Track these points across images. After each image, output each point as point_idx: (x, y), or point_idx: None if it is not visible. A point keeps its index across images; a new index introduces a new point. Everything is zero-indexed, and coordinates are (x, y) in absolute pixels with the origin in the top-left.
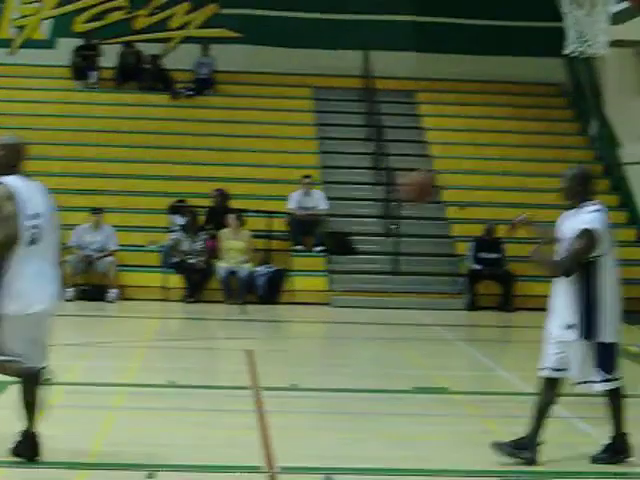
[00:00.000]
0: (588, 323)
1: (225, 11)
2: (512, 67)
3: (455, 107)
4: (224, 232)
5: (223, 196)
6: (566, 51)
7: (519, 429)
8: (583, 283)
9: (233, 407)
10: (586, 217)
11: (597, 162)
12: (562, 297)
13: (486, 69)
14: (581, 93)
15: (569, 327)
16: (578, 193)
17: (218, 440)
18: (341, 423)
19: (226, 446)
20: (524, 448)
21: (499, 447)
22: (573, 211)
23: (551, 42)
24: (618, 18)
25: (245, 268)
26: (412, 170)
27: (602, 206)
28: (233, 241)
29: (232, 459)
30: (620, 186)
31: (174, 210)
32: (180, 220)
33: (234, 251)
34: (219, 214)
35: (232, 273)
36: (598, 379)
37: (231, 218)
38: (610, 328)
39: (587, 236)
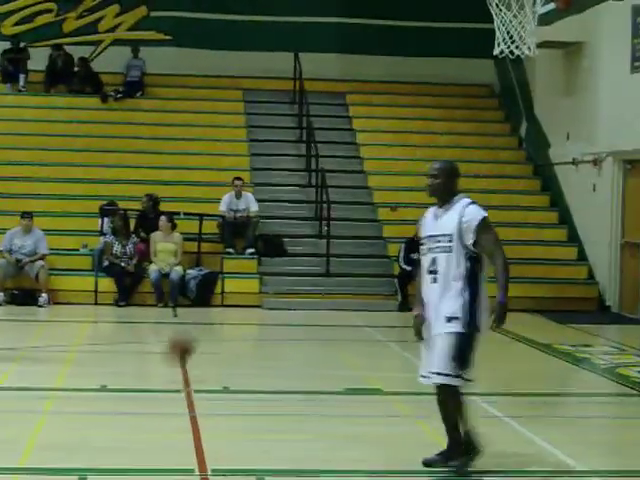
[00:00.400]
0: (471, 315)
1: (155, 13)
2: (442, 68)
3: (385, 108)
4: (155, 234)
5: (153, 201)
6: (495, 52)
7: None
8: (468, 276)
9: (165, 410)
10: (471, 209)
11: (527, 163)
12: (442, 291)
13: (416, 70)
14: (511, 94)
15: (451, 320)
16: (449, 188)
17: (150, 443)
18: (274, 425)
19: (158, 449)
20: (454, 457)
21: (430, 463)
22: (444, 207)
23: (481, 43)
24: (546, 19)
25: (176, 270)
26: (344, 172)
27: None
28: (164, 243)
29: (165, 462)
30: (550, 186)
31: (104, 213)
32: (109, 223)
33: (165, 253)
34: (149, 218)
35: (163, 276)
36: (449, 372)
37: (162, 220)
38: (485, 321)
39: (489, 223)
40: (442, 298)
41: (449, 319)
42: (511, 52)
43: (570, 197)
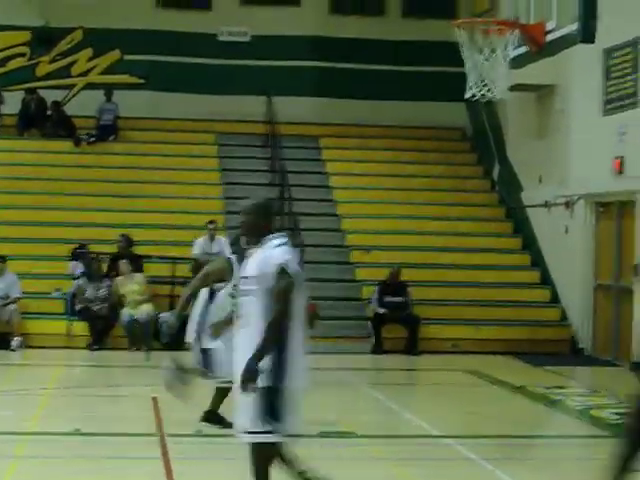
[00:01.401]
0: (279, 368)
1: (128, 57)
2: (414, 112)
3: (358, 152)
4: (117, 280)
5: (127, 241)
6: (467, 95)
7: (425, 471)
8: None
9: (138, 454)
10: (276, 252)
11: (499, 205)
12: (248, 340)
13: (388, 114)
14: (483, 137)
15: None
16: (260, 227)
17: None
18: (247, 469)
19: None
20: None
21: None
22: (257, 247)
23: (453, 86)
24: (518, 62)
25: (145, 311)
26: (318, 215)
27: (287, 240)
28: (128, 285)
29: None
30: (522, 229)
31: (75, 256)
32: (81, 267)
33: (132, 295)
34: (124, 260)
35: (135, 319)
36: (263, 429)
37: (122, 264)
38: (300, 373)
39: (285, 272)
40: (248, 347)
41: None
42: (483, 95)
43: (542, 239)
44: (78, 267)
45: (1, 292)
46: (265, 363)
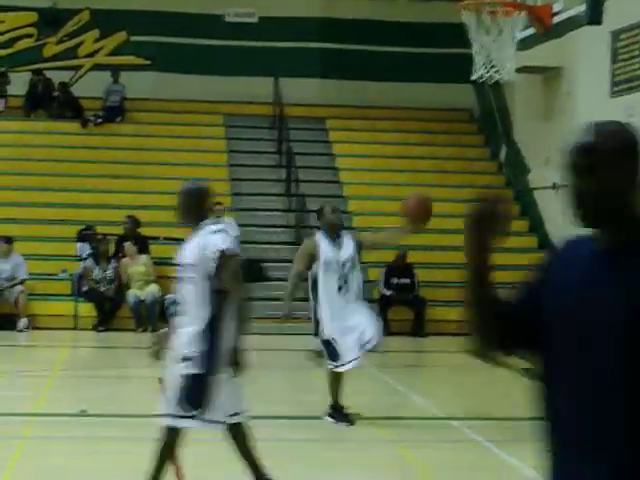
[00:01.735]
0: (208, 356)
1: (134, 38)
2: (421, 93)
3: (365, 133)
4: (123, 261)
5: (134, 222)
6: (474, 77)
7: (431, 453)
8: (212, 312)
9: (146, 435)
10: (214, 238)
11: (507, 187)
12: (186, 325)
13: (395, 95)
14: (490, 119)
15: (185, 360)
16: (195, 212)
17: (132, 469)
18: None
19: (141, 474)
20: None
21: None
22: (193, 233)
23: (460, 68)
24: (525, 44)
25: (149, 293)
26: (324, 197)
27: (225, 226)
28: (134, 267)
29: None
30: (529, 211)
31: (82, 238)
32: (87, 248)
33: (138, 276)
34: (129, 241)
35: (142, 301)
36: (178, 413)
37: (127, 245)
38: (224, 362)
39: (228, 256)
40: (187, 335)
41: (184, 359)
42: (490, 77)
43: (549, 222)
44: (85, 248)
45: (8, 273)
46: (194, 350)
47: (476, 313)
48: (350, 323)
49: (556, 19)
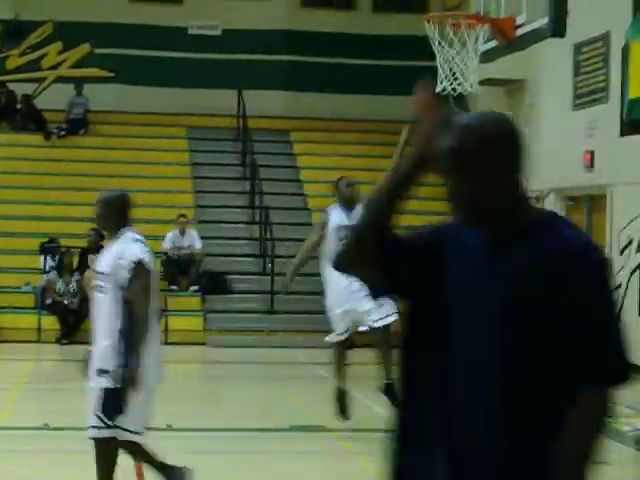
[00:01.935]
0: (123, 370)
1: (98, 51)
2: (386, 105)
3: (329, 146)
4: (87, 274)
5: (98, 235)
6: (438, 89)
7: None
8: (123, 324)
9: None
10: (131, 248)
11: None
12: (99, 338)
13: (359, 108)
14: None
15: (101, 373)
16: (114, 220)
17: None
18: (217, 462)
19: None
20: None
21: None
22: (113, 241)
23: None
24: (488, 57)
25: None
26: (288, 209)
27: (142, 236)
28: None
29: None
30: None
31: (45, 251)
32: (50, 261)
33: None
34: (93, 254)
35: None
36: (106, 425)
37: (91, 258)
38: (150, 372)
39: (143, 268)
40: (99, 347)
41: (100, 372)
42: (453, 89)
43: None
44: (48, 261)
45: None
46: (112, 363)
47: (370, 222)
48: (357, 300)
49: (519, 32)
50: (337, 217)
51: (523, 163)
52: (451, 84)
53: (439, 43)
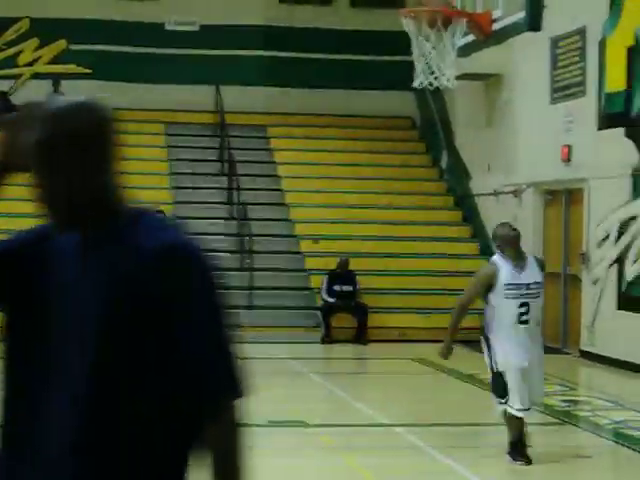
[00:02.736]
0: None
1: (75, 47)
2: (363, 101)
3: (306, 141)
4: None
5: None
6: (415, 84)
7: (375, 459)
8: None
9: None
10: None
11: (448, 194)
12: None
13: (337, 103)
14: (431, 126)
15: None
16: None
17: None
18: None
19: None
20: None
21: None
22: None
23: (401, 75)
24: (465, 51)
25: None
26: (266, 205)
27: None
28: None
29: None
30: (471, 217)
31: None
32: None
33: None
34: None
35: None
36: None
37: None
38: None
39: None
40: None
41: None
42: (431, 84)
43: (491, 228)
44: None
45: None
46: None
47: None
48: (529, 368)
49: (496, 26)
50: (507, 271)
51: (117, 153)
52: (428, 79)
53: (416, 38)
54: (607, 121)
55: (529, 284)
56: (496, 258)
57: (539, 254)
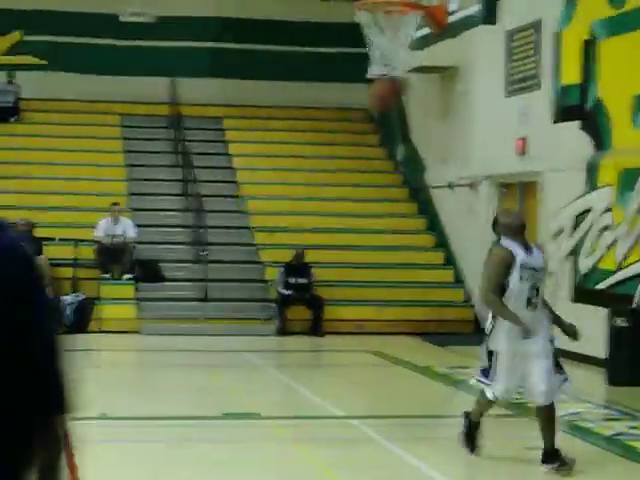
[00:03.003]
0: None
1: (30, 38)
2: (318, 92)
3: (261, 133)
4: None
5: (29, 224)
6: (369, 76)
7: (329, 451)
8: None
9: None
10: None
11: (403, 186)
12: None
13: (292, 95)
14: (387, 118)
15: None
16: None
17: None
18: (152, 451)
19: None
20: None
21: None
22: None
23: (356, 67)
24: (421, 44)
25: None
26: (221, 196)
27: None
28: None
29: None
30: (426, 210)
31: None
32: None
33: None
34: (25, 243)
35: None
36: None
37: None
38: None
39: None
40: None
41: None
42: (385, 76)
43: (446, 220)
44: None
45: None
46: None
47: None
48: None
49: (451, 19)
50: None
51: None
52: (383, 71)
53: (371, 30)
54: (562, 114)
55: (538, 268)
56: (506, 242)
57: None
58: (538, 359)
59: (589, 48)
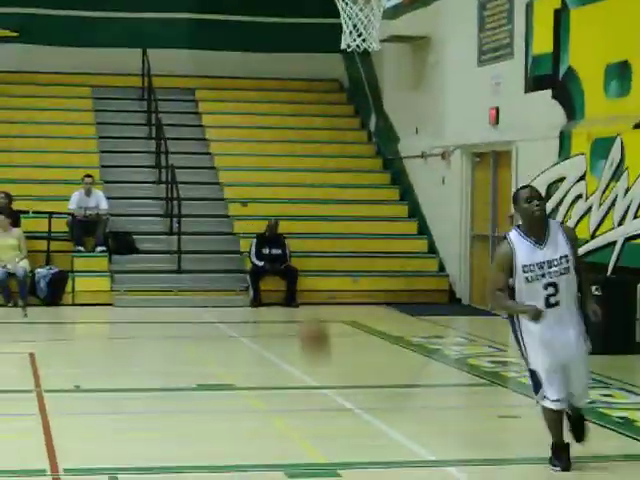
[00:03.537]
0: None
1: (0, 10)
2: (291, 63)
3: (234, 104)
4: None
5: (7, 197)
6: (342, 46)
7: (304, 422)
8: None
9: (15, 411)
10: None
11: (376, 156)
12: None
13: (265, 66)
14: (360, 88)
15: None
16: None
17: (0, 445)
18: (126, 423)
19: (9, 450)
20: None
21: None
22: None
23: (328, 38)
24: (393, 13)
25: (22, 267)
26: (194, 168)
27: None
28: (4, 239)
29: (16, 463)
30: (399, 180)
31: None
32: None
33: (7, 249)
34: (2, 214)
35: (11, 275)
36: None
37: (0, 219)
38: None
39: None
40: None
41: None
42: (358, 46)
43: (419, 190)
44: None
45: None
46: None
47: None
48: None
49: None
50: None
51: None
52: (355, 41)
53: (343, 0)
54: (534, 83)
55: (552, 260)
56: (512, 234)
57: (467, 216)
58: (573, 364)
59: (561, 17)
